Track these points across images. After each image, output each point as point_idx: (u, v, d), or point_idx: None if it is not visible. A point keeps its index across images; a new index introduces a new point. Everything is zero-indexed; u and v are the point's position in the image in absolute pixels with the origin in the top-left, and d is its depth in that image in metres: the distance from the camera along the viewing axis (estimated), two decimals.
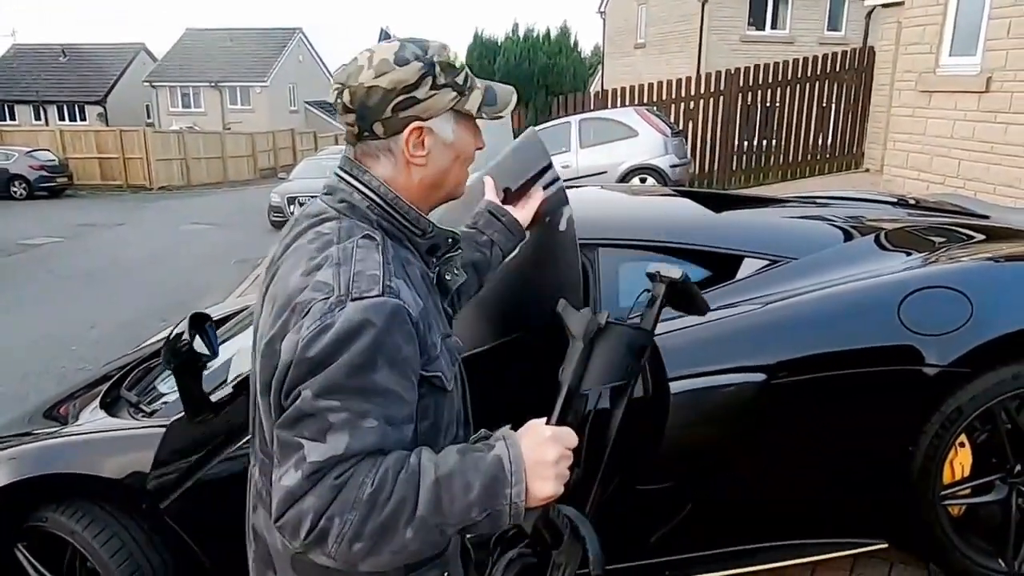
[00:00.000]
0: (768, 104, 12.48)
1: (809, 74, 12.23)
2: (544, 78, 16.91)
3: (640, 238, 2.52)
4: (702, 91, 12.57)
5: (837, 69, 12.15)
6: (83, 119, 33.29)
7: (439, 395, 1.12)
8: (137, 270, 10.24)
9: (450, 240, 1.20)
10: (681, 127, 12.12)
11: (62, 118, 33.29)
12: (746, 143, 12.74)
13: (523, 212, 1.71)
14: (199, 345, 1.89)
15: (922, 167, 7.72)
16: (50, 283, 9.60)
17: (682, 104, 12.63)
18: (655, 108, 11.83)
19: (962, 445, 2.29)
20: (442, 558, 1.16)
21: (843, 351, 2.26)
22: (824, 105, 12.31)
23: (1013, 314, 2.24)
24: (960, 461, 2.31)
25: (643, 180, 10.39)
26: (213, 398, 2.12)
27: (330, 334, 0.95)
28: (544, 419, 1.10)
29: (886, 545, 2.35)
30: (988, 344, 2.19)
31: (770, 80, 12.33)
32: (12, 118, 33.22)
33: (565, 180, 1.94)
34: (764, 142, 12.71)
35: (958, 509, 2.36)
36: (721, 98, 12.50)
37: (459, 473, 0.96)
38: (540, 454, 1.00)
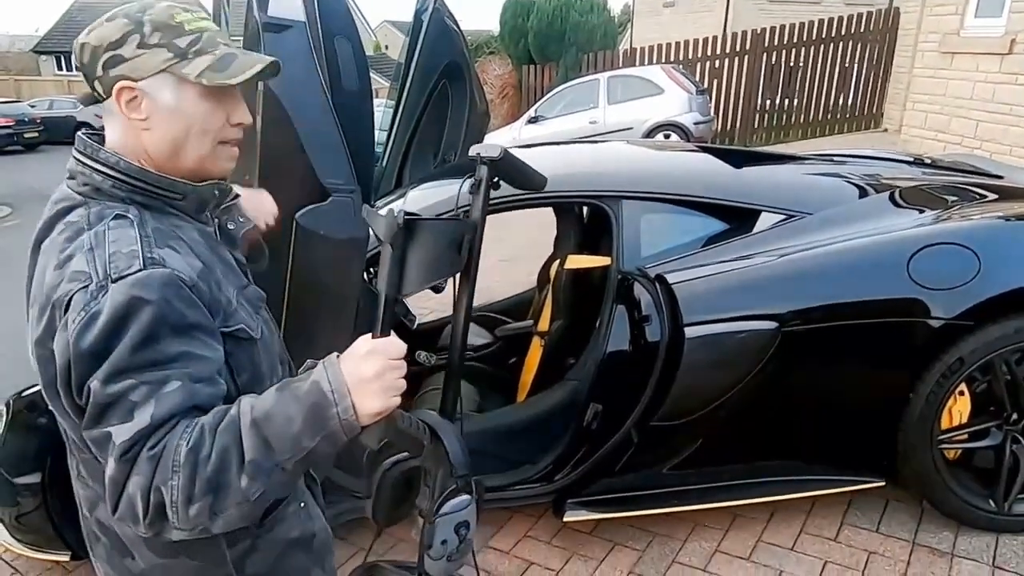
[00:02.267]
0: (792, 64, 12.06)
1: (833, 35, 11.75)
2: (575, 36, 16.41)
3: (662, 191, 2.50)
4: (727, 50, 12.17)
5: (861, 30, 11.64)
6: None
7: (249, 346, 1.03)
8: None
9: (216, 192, 1.07)
10: (706, 85, 11.79)
11: None
12: (768, 102, 12.36)
13: None
14: None
15: (940, 128, 7.45)
16: None
17: (707, 63, 12.26)
18: (681, 67, 11.51)
19: (961, 393, 2.28)
20: (292, 492, 1.13)
21: (853, 302, 2.24)
22: (847, 66, 11.86)
23: (1019, 271, 2.20)
24: (959, 408, 2.29)
25: (667, 136, 10.18)
26: None
27: (100, 321, 0.86)
28: (370, 334, 1.00)
29: (883, 483, 2.36)
30: (993, 299, 2.15)
31: (795, 40, 11.88)
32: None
33: (593, 136, 1.90)
34: (786, 101, 12.31)
35: (954, 452, 2.35)
36: (746, 57, 12.10)
37: (278, 409, 0.88)
38: (360, 372, 0.91)
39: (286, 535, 1.12)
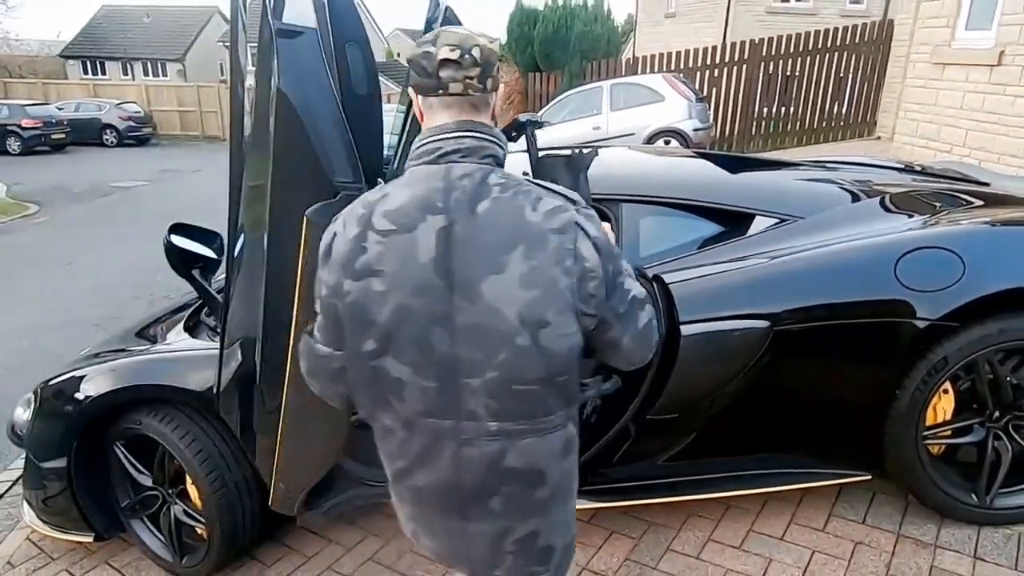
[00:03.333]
0: (788, 73, 12.02)
1: (829, 45, 11.71)
2: (580, 44, 16.39)
3: (660, 195, 2.50)
4: (726, 60, 12.14)
5: (856, 41, 11.60)
6: (164, 75, 33.40)
7: None
8: (214, 211, 10.42)
9: None
10: (705, 93, 11.77)
11: (146, 74, 33.43)
12: (765, 110, 12.33)
13: None
14: (192, 246, 1.98)
15: (931, 136, 7.43)
16: (140, 220, 9.85)
17: (707, 72, 12.23)
18: (681, 75, 11.49)
19: (946, 391, 2.28)
20: None
21: (842, 303, 2.24)
22: (841, 75, 11.81)
23: (1002, 274, 2.19)
24: (943, 406, 2.30)
25: (667, 142, 10.16)
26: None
27: (599, 230, 1.20)
28: None
29: (869, 477, 2.37)
30: (976, 301, 2.15)
31: (792, 50, 11.84)
32: (103, 73, 33.48)
33: (595, 141, 1.92)
34: (783, 109, 12.28)
35: (938, 448, 2.36)
36: (744, 67, 12.07)
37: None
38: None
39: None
